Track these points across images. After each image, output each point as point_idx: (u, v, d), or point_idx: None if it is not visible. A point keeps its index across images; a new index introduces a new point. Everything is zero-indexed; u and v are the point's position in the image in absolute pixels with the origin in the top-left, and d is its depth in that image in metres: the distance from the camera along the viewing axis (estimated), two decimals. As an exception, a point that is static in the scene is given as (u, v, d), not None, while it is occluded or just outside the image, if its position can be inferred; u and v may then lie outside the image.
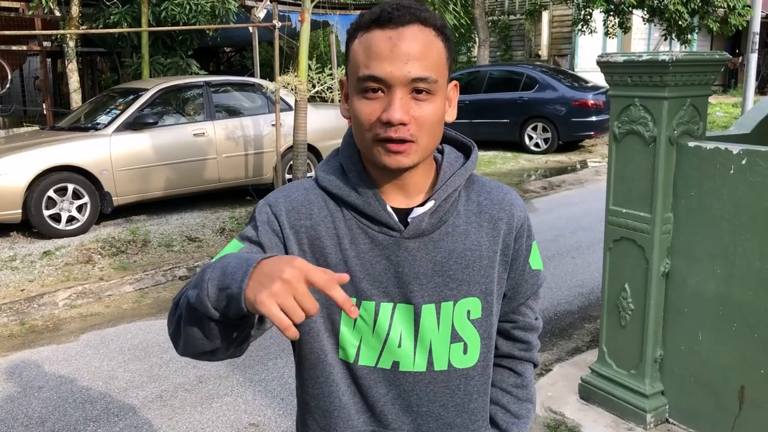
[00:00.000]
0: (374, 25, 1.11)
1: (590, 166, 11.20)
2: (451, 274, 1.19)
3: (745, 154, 2.75)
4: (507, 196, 1.27)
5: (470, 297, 1.20)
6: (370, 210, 1.18)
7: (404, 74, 1.08)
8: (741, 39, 21.19)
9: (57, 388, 3.95)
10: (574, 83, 12.50)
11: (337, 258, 1.18)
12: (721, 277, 2.90)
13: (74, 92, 10.98)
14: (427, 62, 1.10)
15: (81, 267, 6.13)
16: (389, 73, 1.08)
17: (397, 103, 1.08)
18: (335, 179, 1.21)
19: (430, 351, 1.19)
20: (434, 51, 1.12)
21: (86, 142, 7.23)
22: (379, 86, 1.10)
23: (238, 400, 3.75)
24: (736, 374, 2.89)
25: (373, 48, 1.10)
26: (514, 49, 21.54)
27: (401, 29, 1.09)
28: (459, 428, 1.24)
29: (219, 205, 8.29)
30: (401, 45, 1.08)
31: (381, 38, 1.10)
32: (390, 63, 1.08)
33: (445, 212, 1.20)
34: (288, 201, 1.21)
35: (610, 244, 3.25)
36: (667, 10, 14.12)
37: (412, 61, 1.08)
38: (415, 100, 1.10)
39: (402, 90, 1.09)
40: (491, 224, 1.23)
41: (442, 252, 1.19)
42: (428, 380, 1.20)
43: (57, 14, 11.39)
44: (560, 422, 3.30)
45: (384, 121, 1.09)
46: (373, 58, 1.09)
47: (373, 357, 1.19)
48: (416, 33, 1.10)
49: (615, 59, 3.04)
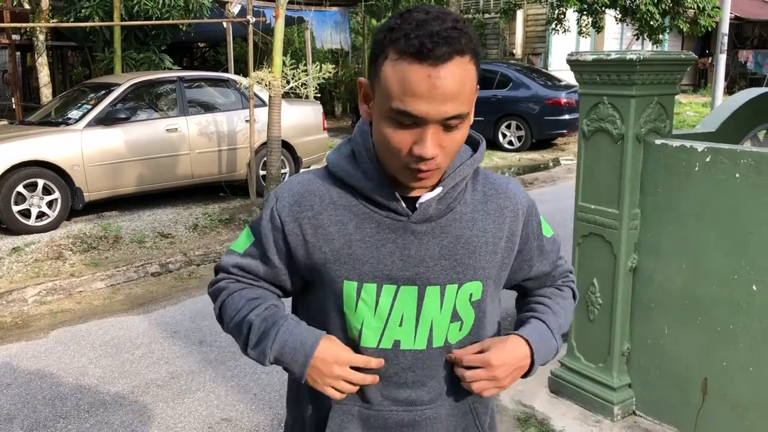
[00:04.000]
0: (412, 56, 1.07)
1: (563, 163, 11.32)
2: (458, 258, 1.23)
3: (709, 151, 2.81)
4: (509, 185, 1.34)
5: (475, 281, 1.26)
6: (377, 195, 1.21)
7: (440, 114, 1.09)
8: (711, 40, 21.54)
9: (26, 385, 3.91)
10: (547, 82, 12.61)
11: (341, 242, 1.22)
12: (686, 272, 2.96)
13: (44, 86, 10.83)
14: (462, 99, 1.10)
15: (51, 263, 6.06)
16: (426, 114, 1.08)
17: (429, 141, 1.10)
18: (345, 165, 1.25)
19: (431, 330, 1.24)
20: (469, 82, 1.11)
21: (57, 137, 7.13)
22: (413, 121, 1.10)
23: (211, 395, 3.75)
24: (700, 367, 2.97)
25: (410, 84, 1.07)
26: (489, 47, 21.66)
27: (440, 67, 1.07)
28: (446, 397, 1.30)
29: (192, 201, 8.24)
30: (440, 85, 1.07)
31: (419, 75, 1.07)
32: (427, 103, 1.07)
33: (452, 200, 1.24)
34: (291, 195, 1.27)
35: (579, 240, 3.30)
36: (638, 10, 14.31)
37: (449, 101, 1.08)
38: (445, 130, 1.12)
39: (435, 126, 1.10)
40: (497, 212, 1.29)
41: (449, 237, 1.23)
42: (426, 356, 1.26)
43: (26, 7, 11.22)
44: (530, 415, 3.35)
45: (416, 155, 1.11)
46: (409, 94, 1.08)
47: (375, 338, 1.24)
48: (454, 70, 1.08)
49: (584, 58, 3.09)
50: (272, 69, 7.23)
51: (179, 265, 6.12)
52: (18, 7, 11.09)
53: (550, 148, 12.85)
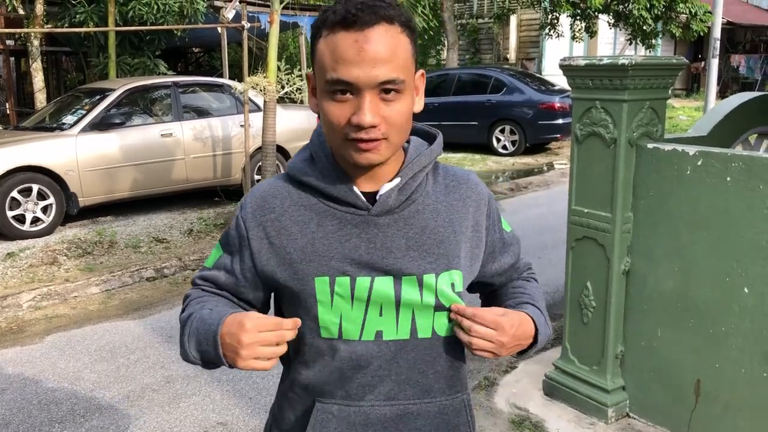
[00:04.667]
0: (338, 26, 1.10)
1: (556, 168, 11.36)
2: (426, 248, 1.23)
3: (700, 155, 2.84)
4: (470, 176, 1.34)
5: (452, 270, 1.24)
6: (335, 192, 1.22)
7: (372, 78, 1.09)
8: (703, 44, 21.66)
9: (21, 390, 3.90)
10: (541, 86, 12.66)
11: (303, 241, 1.22)
12: (678, 275, 2.99)
13: (39, 92, 10.80)
14: (394, 64, 1.11)
15: (46, 268, 6.06)
16: (357, 78, 1.09)
17: (367, 107, 1.10)
18: (304, 167, 1.26)
19: (413, 319, 1.23)
20: (401, 50, 1.12)
21: (52, 142, 7.13)
22: (348, 89, 1.11)
23: (206, 399, 3.76)
24: (693, 369, 2.99)
25: (340, 51, 1.10)
26: (483, 52, 21.74)
27: (367, 31, 1.09)
28: (435, 393, 1.27)
29: (187, 206, 8.23)
30: (368, 48, 1.09)
31: (347, 41, 1.09)
32: (358, 67, 1.09)
33: (413, 191, 1.24)
34: (254, 200, 1.28)
35: (572, 243, 3.32)
36: (631, 15, 14.40)
37: (380, 64, 1.09)
38: (384, 100, 1.12)
39: (371, 93, 1.10)
40: (460, 203, 1.29)
41: (414, 228, 1.23)
42: (411, 347, 1.24)
43: (21, 12, 11.21)
44: (524, 418, 3.36)
45: (354, 124, 1.11)
46: (340, 62, 1.10)
47: (357, 330, 1.22)
48: (382, 34, 1.10)
49: (577, 63, 3.12)
50: (267, 74, 7.24)
51: (174, 270, 6.12)
52: (12, 12, 11.08)
53: (544, 153, 12.89)
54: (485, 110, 12.40)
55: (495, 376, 3.85)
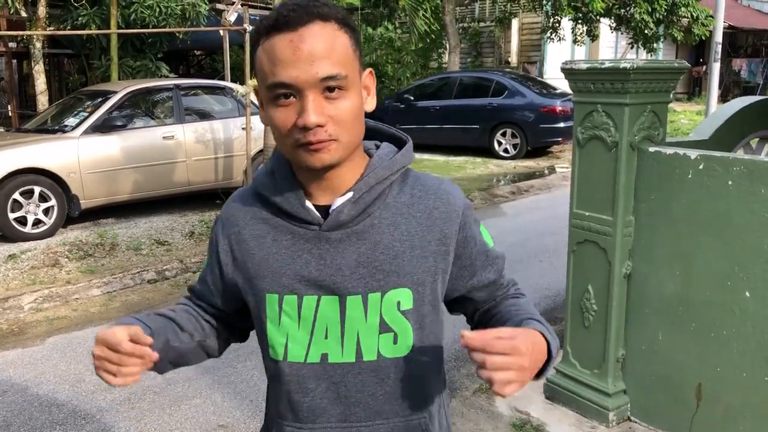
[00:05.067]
0: (273, 30, 1.08)
1: (558, 171, 11.36)
2: (377, 265, 1.17)
3: (702, 159, 2.84)
4: (442, 185, 1.24)
5: (400, 288, 1.18)
6: (288, 207, 1.19)
7: (312, 76, 1.07)
8: (705, 48, 21.67)
9: (22, 392, 3.91)
10: (542, 90, 12.67)
11: (260, 256, 1.21)
12: (679, 278, 2.99)
13: (41, 94, 10.83)
14: (333, 59, 1.08)
15: (47, 270, 6.06)
16: (296, 78, 1.07)
17: (310, 107, 1.07)
18: (265, 181, 1.24)
19: (358, 341, 1.19)
20: (339, 46, 1.09)
21: (53, 145, 7.15)
22: (290, 92, 1.08)
23: (207, 401, 3.76)
24: (694, 372, 2.99)
25: (276, 54, 1.08)
26: (485, 55, 21.76)
27: (301, 30, 1.07)
28: (387, 414, 1.22)
29: (188, 208, 8.24)
30: (303, 47, 1.06)
31: (282, 42, 1.07)
32: (295, 67, 1.07)
33: (369, 204, 1.18)
34: (225, 212, 1.29)
35: (573, 247, 3.32)
36: (633, 19, 14.42)
37: (318, 61, 1.07)
38: (328, 99, 1.09)
39: (313, 92, 1.08)
40: (425, 214, 1.21)
41: (368, 243, 1.17)
42: (357, 371, 1.20)
43: (23, 15, 11.23)
44: (525, 421, 3.36)
45: (300, 127, 1.09)
46: (277, 64, 1.08)
47: (302, 352, 1.20)
48: (317, 31, 1.07)
49: (578, 66, 3.12)
50: (269, 77, 7.24)
51: (175, 273, 6.12)
52: (15, 15, 11.11)
53: (545, 156, 12.89)
54: (487, 113, 12.41)
55: (496, 379, 3.85)
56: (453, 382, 3.87)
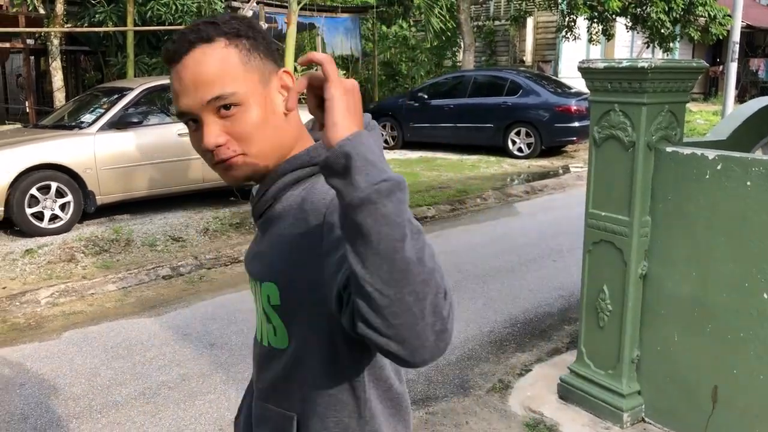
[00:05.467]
0: (167, 63, 1.14)
1: (572, 171, 11.31)
2: (260, 257, 1.24)
3: (720, 159, 2.82)
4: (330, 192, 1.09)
5: (268, 282, 1.18)
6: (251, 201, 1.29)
7: (199, 101, 1.11)
8: (722, 48, 21.49)
9: (39, 385, 3.95)
10: (557, 89, 12.62)
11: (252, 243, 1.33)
12: (696, 280, 2.97)
13: (58, 90, 10.92)
14: (219, 80, 1.10)
15: (64, 265, 6.11)
16: (189, 105, 1.12)
17: (206, 131, 1.12)
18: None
19: (261, 326, 1.27)
20: (226, 64, 1.10)
21: (70, 141, 7.20)
22: (190, 118, 1.14)
23: (221, 397, 3.78)
24: (710, 374, 2.97)
25: (172, 85, 1.14)
26: (499, 54, 21.68)
27: (184, 59, 1.11)
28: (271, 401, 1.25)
29: (203, 205, 8.28)
30: (185, 76, 1.11)
31: (173, 75, 1.13)
32: (185, 95, 1.12)
33: (272, 197, 1.21)
34: None
35: (589, 247, 3.31)
36: (649, 18, 14.32)
37: (201, 86, 1.10)
38: (225, 117, 1.11)
39: (207, 115, 1.12)
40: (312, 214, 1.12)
41: (267, 235, 1.24)
42: (263, 353, 1.27)
43: (41, 12, 11.33)
44: (539, 421, 3.36)
45: (202, 149, 1.15)
46: (174, 96, 1.14)
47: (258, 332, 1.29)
48: (198, 57, 1.10)
49: (595, 65, 3.11)
50: (284, 75, 7.27)
51: (190, 269, 6.15)
52: (33, 12, 11.20)
53: (559, 156, 12.84)
54: (501, 112, 12.36)
55: (509, 379, 3.85)
56: (466, 381, 3.86)
